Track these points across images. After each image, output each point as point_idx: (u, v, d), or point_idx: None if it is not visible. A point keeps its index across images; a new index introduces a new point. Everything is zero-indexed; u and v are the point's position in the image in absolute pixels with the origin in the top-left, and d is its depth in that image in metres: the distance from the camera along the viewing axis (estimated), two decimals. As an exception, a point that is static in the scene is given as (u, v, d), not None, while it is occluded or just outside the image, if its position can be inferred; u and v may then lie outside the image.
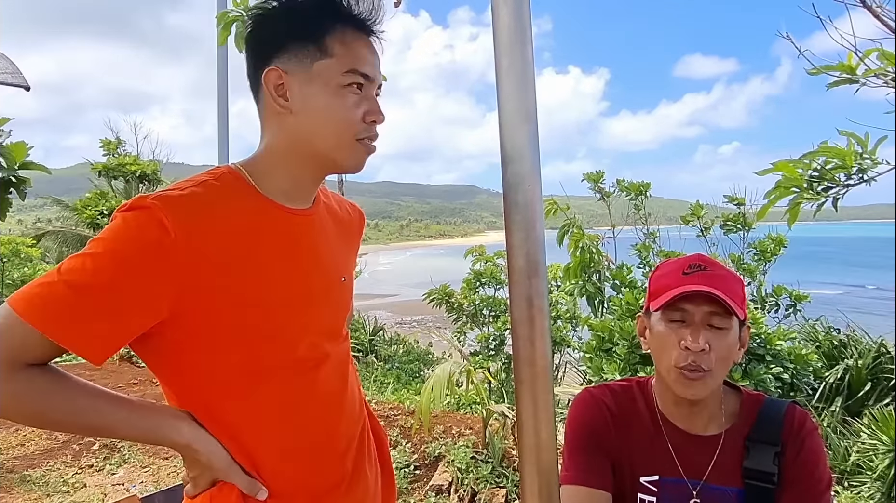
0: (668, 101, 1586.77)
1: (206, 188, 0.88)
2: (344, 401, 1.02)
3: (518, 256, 0.61)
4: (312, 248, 0.98)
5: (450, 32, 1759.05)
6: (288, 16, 0.93)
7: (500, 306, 7.82)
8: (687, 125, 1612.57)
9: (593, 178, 5.89)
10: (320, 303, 0.98)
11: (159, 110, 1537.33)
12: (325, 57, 0.90)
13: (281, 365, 0.92)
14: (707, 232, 5.97)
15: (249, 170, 0.94)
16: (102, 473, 3.86)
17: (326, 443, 0.99)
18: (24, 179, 2.73)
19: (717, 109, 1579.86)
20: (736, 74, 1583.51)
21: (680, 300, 1.02)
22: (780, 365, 4.02)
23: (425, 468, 3.59)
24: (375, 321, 11.46)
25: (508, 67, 0.60)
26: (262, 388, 0.90)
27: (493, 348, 7.08)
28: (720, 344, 1.01)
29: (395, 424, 4.06)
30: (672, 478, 1.04)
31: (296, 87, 0.90)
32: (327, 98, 0.90)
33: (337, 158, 0.95)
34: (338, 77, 0.90)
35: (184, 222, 0.81)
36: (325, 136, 0.92)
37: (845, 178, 2.44)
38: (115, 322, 0.79)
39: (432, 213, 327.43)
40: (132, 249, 0.78)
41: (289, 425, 0.93)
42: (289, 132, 0.93)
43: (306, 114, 0.91)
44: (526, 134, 0.60)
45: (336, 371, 1.01)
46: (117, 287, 0.77)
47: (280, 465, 0.93)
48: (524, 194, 0.60)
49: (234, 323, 0.86)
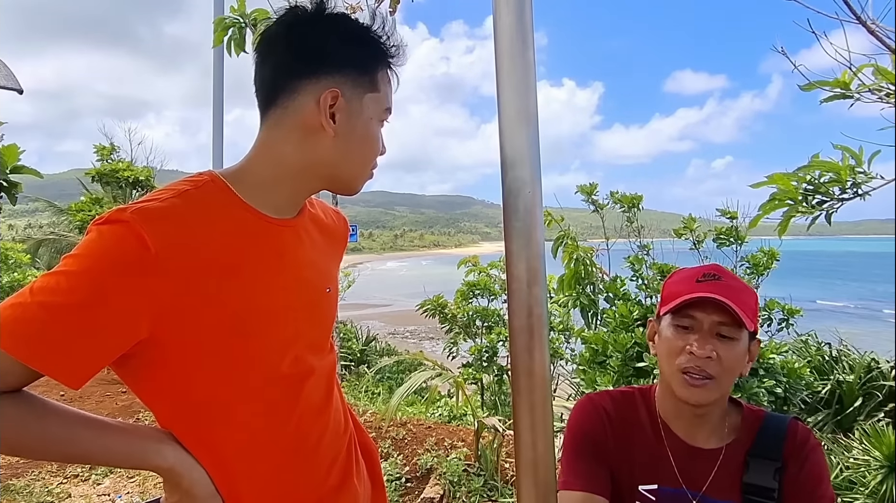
0: (661, 115, 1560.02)
1: (186, 199, 0.84)
2: (329, 416, 1.00)
3: (517, 264, 0.60)
4: (296, 259, 0.96)
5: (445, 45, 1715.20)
6: (347, 35, 0.92)
7: (493, 317, 7.79)
8: (678, 140, 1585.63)
9: (587, 191, 5.92)
10: (305, 316, 0.96)
11: (155, 118, 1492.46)
12: (374, 91, 0.93)
13: (265, 381, 0.89)
14: (700, 245, 6.00)
15: (235, 178, 0.91)
16: (88, 483, 3.79)
17: (310, 458, 0.96)
18: (15, 184, 2.70)
19: (708, 125, 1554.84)
20: (727, 90, 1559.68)
21: (690, 307, 1.02)
22: (774, 378, 4.00)
23: (417, 481, 3.55)
24: (368, 331, 11.39)
25: (510, 71, 0.59)
26: (244, 404, 0.88)
27: (485, 360, 7.04)
28: (727, 354, 1.00)
29: (387, 436, 4.02)
30: (671, 489, 1.03)
31: (345, 111, 0.90)
32: (369, 130, 0.94)
33: (352, 183, 0.97)
34: (380, 112, 0.95)
35: (164, 236, 0.77)
36: (353, 165, 0.94)
37: (839, 191, 2.46)
38: (91, 343, 0.75)
39: (427, 224, 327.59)
40: (109, 266, 0.75)
41: (271, 441, 0.91)
42: (317, 152, 0.91)
43: (346, 140, 0.91)
44: (526, 138, 0.59)
45: (320, 385, 0.99)
46: (93, 307, 0.73)
47: (262, 482, 0.90)
48: (524, 200, 0.59)
49: (215, 339, 0.83)
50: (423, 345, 18.16)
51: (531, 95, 0.59)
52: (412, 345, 17.32)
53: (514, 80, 0.59)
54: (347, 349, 9.20)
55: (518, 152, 0.60)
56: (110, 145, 10.25)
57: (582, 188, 5.92)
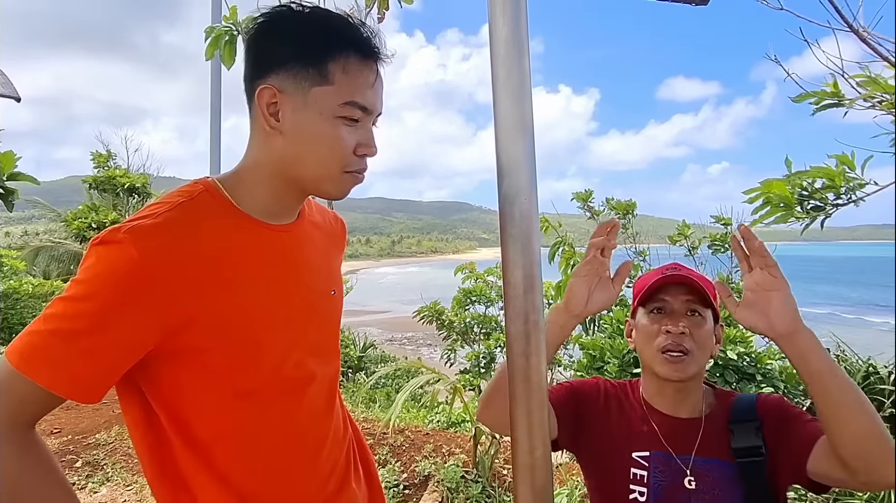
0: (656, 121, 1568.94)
1: (181, 212, 0.84)
2: (329, 423, 1.00)
3: (514, 271, 0.60)
4: (295, 263, 0.96)
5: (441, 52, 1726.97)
6: (292, 31, 0.88)
7: (490, 323, 7.78)
8: (674, 145, 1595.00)
9: (582, 198, 5.96)
10: (305, 319, 0.96)
11: (152, 124, 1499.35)
12: (324, 83, 0.86)
13: (265, 386, 0.89)
14: (695, 251, 6.03)
15: (229, 184, 0.91)
16: (85, 492, 3.77)
17: (312, 463, 0.96)
18: (11, 190, 2.70)
19: (703, 131, 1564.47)
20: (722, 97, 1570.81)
21: (660, 292, 1.14)
22: (771, 384, 4.01)
23: (414, 488, 3.54)
24: (366, 338, 11.38)
25: (505, 79, 0.59)
26: (244, 410, 0.88)
27: (483, 366, 7.03)
28: (698, 330, 1.11)
29: (385, 443, 4.00)
30: (662, 453, 1.11)
31: (289, 109, 0.87)
32: (320, 127, 0.87)
33: (320, 187, 0.93)
34: (334, 107, 0.86)
35: (157, 252, 0.78)
36: (312, 165, 0.89)
37: (834, 197, 2.47)
38: (102, 363, 0.77)
39: (424, 230, 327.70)
40: (109, 289, 0.76)
41: (271, 447, 0.91)
42: (275, 153, 0.89)
43: (296, 139, 0.88)
44: (522, 146, 0.59)
45: (322, 392, 0.99)
46: (100, 330, 0.75)
47: (261, 488, 0.90)
48: (520, 207, 0.59)
49: (216, 346, 0.84)
50: (421, 351, 18.14)
51: (527, 104, 0.60)
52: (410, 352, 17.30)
53: (510, 90, 0.59)
54: (345, 356, 9.18)
55: (514, 160, 0.60)
56: (107, 152, 10.27)
57: (578, 195, 5.95)
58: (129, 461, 3.95)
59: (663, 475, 1.09)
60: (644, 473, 1.10)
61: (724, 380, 3.19)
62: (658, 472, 1.10)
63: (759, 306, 0.95)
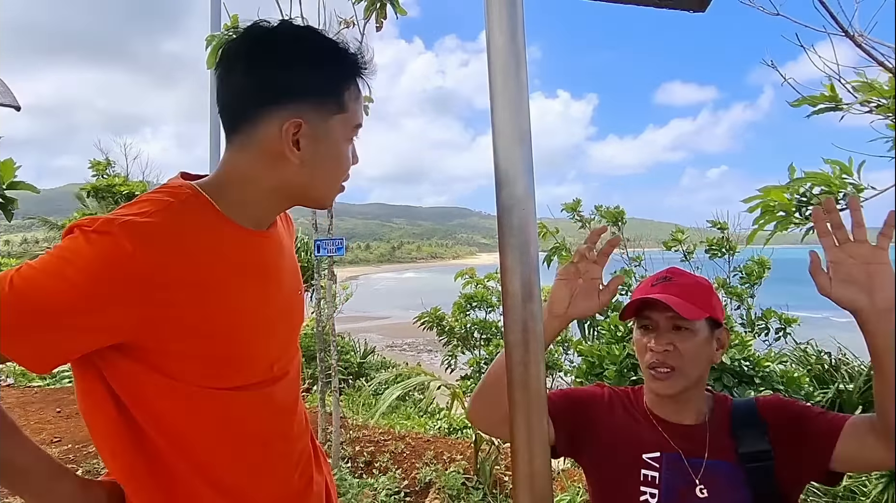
0: (655, 125, 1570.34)
1: (171, 213, 0.84)
2: (297, 415, 1.03)
3: (512, 280, 0.61)
4: (275, 268, 0.98)
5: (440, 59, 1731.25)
6: (308, 60, 0.89)
7: (491, 329, 7.77)
8: (672, 150, 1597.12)
9: (571, 207, 6.02)
10: (284, 321, 0.99)
11: (151, 132, 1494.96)
12: (340, 112, 0.91)
13: (244, 385, 0.91)
14: (690, 256, 6.05)
15: (212, 191, 0.90)
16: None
17: (285, 457, 0.98)
18: (11, 199, 2.70)
19: (700, 135, 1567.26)
20: (719, 101, 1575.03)
21: (645, 308, 1.14)
22: (771, 387, 4.01)
23: (415, 495, 3.52)
24: (366, 344, 11.36)
25: (503, 90, 0.60)
26: (223, 408, 0.89)
27: (484, 372, 7.03)
28: (685, 345, 1.11)
29: (386, 450, 3.99)
30: (673, 454, 1.11)
31: (310, 137, 0.88)
32: (337, 151, 0.92)
33: (322, 201, 0.99)
34: (348, 132, 0.93)
35: (149, 250, 0.79)
36: (322, 185, 0.94)
37: (832, 202, 2.47)
38: (67, 341, 0.77)
39: (424, 235, 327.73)
40: (95, 276, 0.76)
41: (247, 442, 0.93)
42: (284, 177, 0.90)
43: (313, 164, 0.90)
44: (520, 156, 0.60)
45: (292, 386, 1.02)
46: (76, 312, 0.75)
47: (239, 481, 0.92)
48: (518, 217, 0.60)
49: (199, 347, 0.85)
50: (422, 357, 18.09)
51: (524, 114, 0.60)
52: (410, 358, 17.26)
53: (508, 99, 0.60)
54: (346, 362, 9.16)
55: (512, 169, 0.60)
56: (106, 160, 10.27)
57: (567, 206, 6.01)
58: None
59: (674, 476, 1.09)
60: (655, 474, 1.09)
61: (722, 384, 3.19)
62: (669, 473, 1.09)
63: (859, 281, 0.88)
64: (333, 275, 4.10)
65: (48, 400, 5.62)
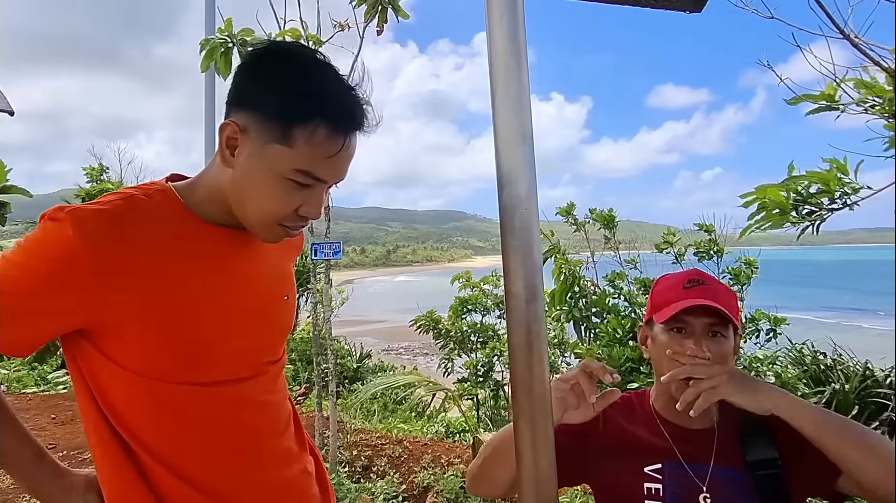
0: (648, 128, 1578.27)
1: (130, 203, 0.86)
2: (274, 411, 1.03)
3: (515, 281, 0.60)
4: (245, 268, 0.97)
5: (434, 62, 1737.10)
6: (273, 78, 0.85)
7: (487, 332, 7.76)
8: (666, 152, 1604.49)
9: (565, 211, 6.06)
10: (258, 323, 0.98)
11: (146, 137, 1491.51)
12: (283, 143, 0.83)
13: (208, 382, 0.91)
14: (681, 258, 6.09)
15: (185, 191, 0.93)
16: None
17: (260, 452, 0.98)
18: (3, 203, 2.69)
19: (694, 137, 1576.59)
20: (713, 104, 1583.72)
21: (683, 312, 1.08)
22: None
23: (413, 499, 3.51)
24: (362, 348, 11.33)
25: (504, 92, 0.59)
26: (186, 404, 0.90)
27: (481, 375, 7.00)
28: (719, 351, 1.08)
29: (383, 454, 3.97)
30: (675, 464, 1.08)
31: (245, 151, 0.86)
32: (265, 181, 0.86)
33: (252, 228, 0.92)
34: (286, 169, 0.84)
35: (93, 237, 0.80)
36: (251, 209, 0.89)
37: (829, 202, 2.48)
38: (29, 326, 0.83)
39: (419, 239, 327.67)
40: (42, 261, 0.81)
41: (216, 436, 0.93)
42: (226, 182, 0.90)
43: (242, 181, 0.88)
44: (522, 157, 0.59)
45: (269, 383, 1.01)
46: (29, 297, 0.81)
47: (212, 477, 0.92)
48: (521, 218, 0.59)
49: (153, 340, 0.86)
50: (418, 360, 18.05)
51: (526, 115, 0.60)
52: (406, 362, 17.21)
53: (509, 101, 0.59)
54: (342, 366, 9.13)
55: (514, 170, 0.60)
56: (99, 166, 10.22)
57: (561, 210, 6.05)
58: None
59: (679, 486, 1.06)
60: (659, 486, 1.06)
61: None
62: (673, 484, 1.06)
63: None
64: (329, 279, 4.09)
65: (42, 406, 5.57)
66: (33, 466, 0.93)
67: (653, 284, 1.21)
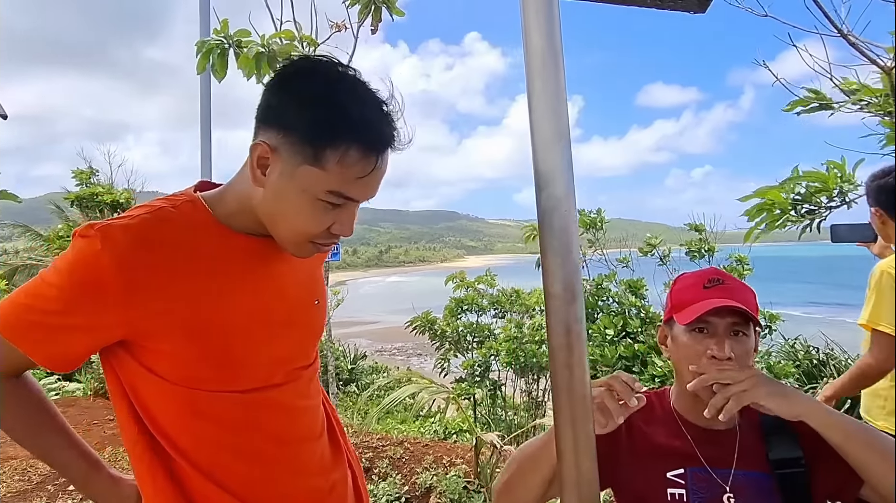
0: (639, 127, 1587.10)
1: (159, 217, 0.87)
2: (308, 416, 1.03)
3: (555, 282, 0.60)
4: (275, 277, 0.97)
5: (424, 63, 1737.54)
6: (305, 99, 0.84)
7: (483, 332, 7.76)
8: (656, 151, 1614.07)
9: None
10: (288, 331, 0.98)
11: (134, 140, 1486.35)
12: (315, 165, 0.83)
13: (242, 390, 0.92)
14: (666, 259, 6.14)
15: (213, 201, 0.93)
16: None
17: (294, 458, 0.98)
18: (-2, 209, 2.65)
19: (683, 135, 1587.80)
20: (702, 102, 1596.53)
21: (707, 314, 1.07)
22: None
23: (417, 500, 3.50)
24: (356, 349, 11.30)
25: (542, 91, 0.59)
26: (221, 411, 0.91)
27: (478, 375, 7.01)
28: (741, 350, 1.07)
29: (384, 455, 3.96)
30: (698, 469, 1.07)
31: (276, 171, 0.85)
32: (299, 202, 0.85)
33: (283, 243, 0.92)
34: (318, 191, 0.84)
35: (122, 254, 0.82)
36: (283, 228, 0.89)
37: (827, 200, 2.51)
38: (69, 342, 0.85)
39: (412, 239, 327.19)
40: (76, 280, 0.82)
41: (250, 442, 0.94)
42: (256, 200, 0.90)
43: (274, 200, 0.87)
44: (560, 156, 0.59)
45: (302, 387, 1.02)
46: (65, 314, 0.83)
47: (246, 482, 0.92)
48: (560, 218, 0.59)
49: (190, 350, 0.87)
50: (411, 361, 18.04)
51: (563, 115, 0.60)
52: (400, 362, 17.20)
53: (547, 101, 0.59)
54: (336, 368, 9.10)
55: (552, 171, 0.60)
56: (89, 169, 10.11)
57: None
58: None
59: (703, 491, 1.05)
60: (682, 492, 1.05)
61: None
62: (696, 489, 1.05)
63: None
64: (327, 281, 4.08)
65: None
66: (90, 477, 0.98)
67: (671, 283, 1.20)
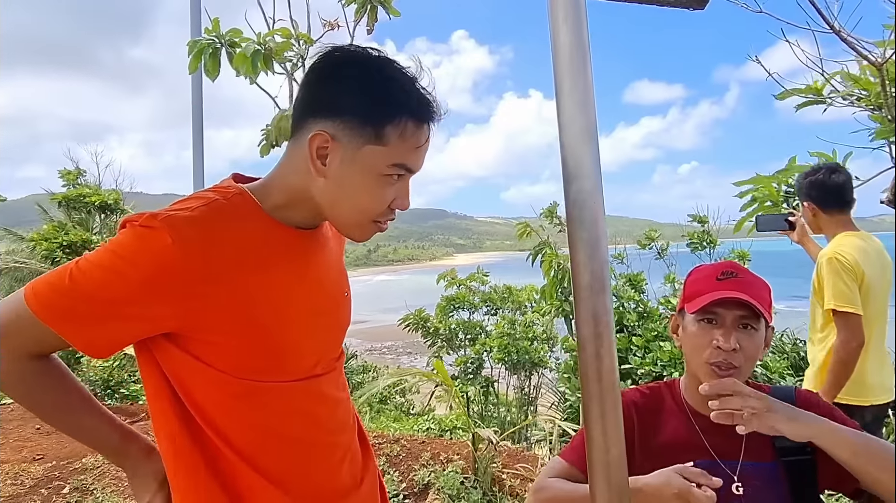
0: (626, 124, 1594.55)
1: (215, 209, 0.88)
2: (342, 408, 1.05)
3: (583, 273, 0.62)
4: (319, 267, 1.00)
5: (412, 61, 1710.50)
6: (357, 83, 0.88)
7: (475, 329, 7.80)
8: (643, 147, 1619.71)
9: (549, 212, 6.13)
10: (327, 320, 1.01)
11: (118, 140, 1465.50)
12: (378, 143, 0.88)
13: (289, 380, 0.94)
14: (664, 253, 6.19)
15: (260, 193, 0.94)
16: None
17: (331, 447, 1.00)
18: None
19: (669, 132, 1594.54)
20: (688, 99, 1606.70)
21: (713, 303, 1.10)
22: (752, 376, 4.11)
23: (414, 497, 3.52)
24: (347, 348, 11.28)
25: (571, 88, 0.61)
26: (268, 400, 0.92)
27: (471, 371, 7.04)
28: (749, 343, 1.09)
29: (381, 452, 3.97)
30: (706, 462, 1.08)
31: (338, 158, 0.88)
32: (364, 182, 0.89)
33: (346, 230, 0.97)
34: (382, 167, 0.89)
35: (188, 243, 0.82)
36: (347, 211, 0.92)
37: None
38: (118, 330, 0.85)
39: (400, 237, 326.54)
40: (139, 268, 0.81)
41: (293, 431, 0.95)
42: (315, 190, 0.91)
43: (337, 186, 0.90)
44: (589, 152, 0.61)
45: (336, 379, 1.05)
46: (123, 302, 0.82)
47: (287, 471, 0.94)
48: (589, 212, 0.61)
49: (241, 341, 0.88)
50: (401, 360, 18.03)
51: (591, 111, 0.61)
52: (390, 361, 17.18)
53: (576, 98, 0.61)
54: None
55: (581, 166, 0.62)
56: (76, 170, 9.98)
57: (545, 211, 6.11)
58: (119, 485, 3.84)
59: None
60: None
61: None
62: None
63: None
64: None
65: (26, 416, 5.43)
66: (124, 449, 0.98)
67: (687, 274, 1.22)
